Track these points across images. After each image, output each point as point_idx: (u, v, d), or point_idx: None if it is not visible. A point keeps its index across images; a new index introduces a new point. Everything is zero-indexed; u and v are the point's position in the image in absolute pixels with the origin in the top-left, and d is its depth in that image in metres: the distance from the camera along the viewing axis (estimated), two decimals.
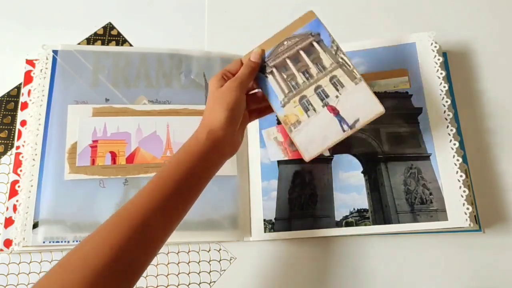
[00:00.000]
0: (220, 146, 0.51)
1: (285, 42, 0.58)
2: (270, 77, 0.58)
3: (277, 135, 0.68)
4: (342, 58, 0.56)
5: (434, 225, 0.61)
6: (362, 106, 0.55)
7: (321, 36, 0.58)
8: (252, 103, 0.59)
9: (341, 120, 0.55)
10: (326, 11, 0.78)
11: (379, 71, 0.69)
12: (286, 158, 0.67)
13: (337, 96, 0.56)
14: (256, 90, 0.60)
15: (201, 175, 0.50)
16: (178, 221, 0.48)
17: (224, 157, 0.53)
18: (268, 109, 0.59)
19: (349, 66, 0.56)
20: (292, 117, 0.56)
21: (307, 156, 0.55)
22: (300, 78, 0.57)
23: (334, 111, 0.55)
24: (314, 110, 0.56)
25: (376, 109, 0.54)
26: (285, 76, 0.57)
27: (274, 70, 0.58)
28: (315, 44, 0.58)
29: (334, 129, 0.55)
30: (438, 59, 0.67)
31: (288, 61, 0.58)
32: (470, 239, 0.62)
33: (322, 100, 0.56)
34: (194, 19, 0.78)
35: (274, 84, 0.57)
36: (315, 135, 0.55)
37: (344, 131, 0.55)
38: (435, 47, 0.68)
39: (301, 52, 0.58)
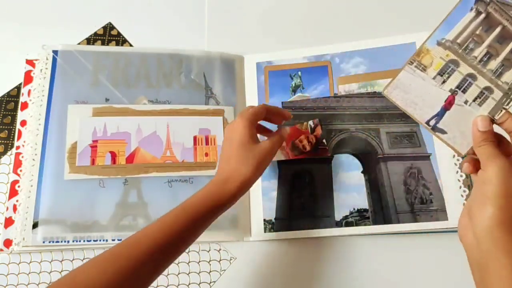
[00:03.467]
0: (243, 193, 0.54)
1: None
2: (470, 14, 0.47)
3: None
4: None
5: (434, 225, 0.62)
6: (459, 131, 0.47)
7: None
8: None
9: (439, 115, 0.48)
10: (326, 11, 0.78)
11: (379, 71, 0.69)
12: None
13: (466, 102, 0.47)
14: None
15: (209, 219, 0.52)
16: (178, 255, 0.49)
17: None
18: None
19: (508, 103, 0.46)
20: (427, 58, 0.48)
21: (386, 93, 0.49)
22: (478, 53, 0.47)
23: (448, 105, 0.47)
24: (443, 82, 0.48)
25: (460, 147, 0.47)
26: (477, 32, 0.47)
27: (482, 16, 0.47)
28: None
29: (426, 110, 0.48)
30: None
31: (498, 29, 0.47)
32: None
33: (457, 87, 0.47)
34: (194, 19, 0.78)
35: (463, 22, 0.47)
36: (413, 92, 0.48)
37: (426, 122, 0.48)
38: None
39: None
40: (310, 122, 0.67)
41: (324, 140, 0.67)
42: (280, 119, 0.61)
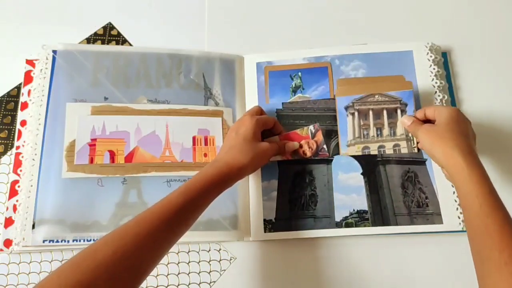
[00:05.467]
0: (237, 180, 0.59)
1: (376, 96, 0.67)
2: (350, 117, 0.67)
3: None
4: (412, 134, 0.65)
5: (430, 228, 0.63)
6: None
7: (407, 107, 0.66)
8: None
9: None
10: (326, 14, 0.78)
11: (378, 75, 0.70)
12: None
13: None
14: None
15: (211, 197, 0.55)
16: (182, 234, 0.52)
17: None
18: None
19: (413, 143, 0.65)
20: None
21: None
22: (372, 133, 0.67)
23: None
24: None
25: None
26: (361, 123, 0.67)
27: (356, 114, 0.67)
28: (398, 111, 0.66)
29: None
30: (434, 69, 0.69)
31: (371, 113, 0.67)
32: (467, 240, 0.63)
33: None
34: (194, 19, 0.78)
35: (350, 125, 0.67)
36: None
37: None
38: (431, 56, 0.69)
39: (384, 112, 0.67)
40: (311, 127, 0.67)
41: (324, 146, 0.67)
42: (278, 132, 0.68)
